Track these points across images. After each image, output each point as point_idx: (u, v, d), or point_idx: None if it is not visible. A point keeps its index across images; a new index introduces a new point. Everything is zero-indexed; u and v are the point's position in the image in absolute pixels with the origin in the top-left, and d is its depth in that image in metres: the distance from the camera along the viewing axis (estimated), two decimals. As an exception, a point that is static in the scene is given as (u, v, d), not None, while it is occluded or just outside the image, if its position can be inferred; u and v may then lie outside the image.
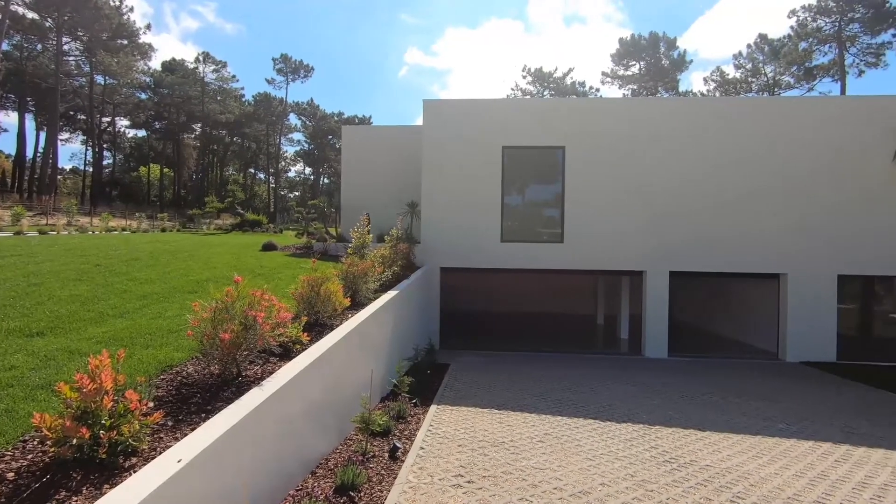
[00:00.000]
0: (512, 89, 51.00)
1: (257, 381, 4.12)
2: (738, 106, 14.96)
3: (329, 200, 46.82)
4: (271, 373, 4.31)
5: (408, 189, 15.37)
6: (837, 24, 38.08)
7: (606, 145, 12.11)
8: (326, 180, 69.41)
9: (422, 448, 5.20)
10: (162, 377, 4.24)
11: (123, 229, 21.72)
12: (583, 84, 49.01)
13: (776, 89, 41.83)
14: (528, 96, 48.64)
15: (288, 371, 4.32)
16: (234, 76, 58.36)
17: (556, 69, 48.77)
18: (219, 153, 63.74)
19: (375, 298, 7.78)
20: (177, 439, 3.19)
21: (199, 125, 56.66)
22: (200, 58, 55.34)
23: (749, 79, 43.37)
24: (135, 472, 2.80)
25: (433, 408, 6.79)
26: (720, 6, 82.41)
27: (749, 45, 43.17)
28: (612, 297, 16.59)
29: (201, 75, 55.38)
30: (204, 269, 9.43)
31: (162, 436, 3.26)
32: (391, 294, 8.19)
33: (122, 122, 56.15)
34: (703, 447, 5.70)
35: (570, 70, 50.88)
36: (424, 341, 10.63)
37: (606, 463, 5.04)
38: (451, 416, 6.43)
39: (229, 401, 3.72)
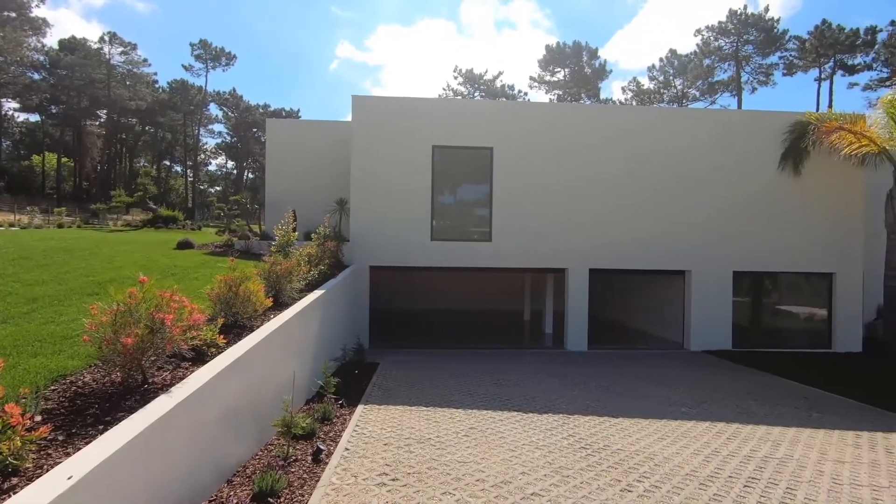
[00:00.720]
0: (444, 89, 51.51)
1: (166, 387, 3.85)
2: (651, 114, 16.15)
3: (253, 196, 44.68)
4: (182, 378, 4.05)
5: (337, 186, 15.04)
6: (735, 44, 42.15)
7: (532, 147, 12.57)
8: (251, 175, 66.16)
9: (346, 449, 5.13)
10: (53, 388, 3.85)
11: (11, 224, 19.40)
12: (512, 87, 50.49)
13: (684, 101, 45.53)
14: (460, 97, 49.30)
15: (201, 376, 4.08)
16: (145, 60, 54.09)
17: (486, 71, 49.90)
18: (128, 143, 58.71)
19: (301, 298, 7.55)
20: (68, 454, 2.91)
21: (105, 112, 51.82)
22: (106, 38, 50.63)
23: (661, 90, 46.88)
24: (15, 493, 2.52)
25: (360, 408, 6.71)
26: (638, 20, 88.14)
27: (661, 59, 46.72)
28: (537, 293, 17.28)
29: (107, 57, 50.68)
30: (107, 268, 8.66)
31: (51, 452, 2.96)
32: (317, 293, 7.98)
33: (10, 105, 50.07)
34: (615, 433, 6.10)
35: (500, 73, 52.43)
36: (353, 341, 10.47)
37: (527, 453, 5.25)
38: (378, 416, 6.39)
39: (132, 410, 3.46)
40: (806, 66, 41.72)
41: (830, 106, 40.81)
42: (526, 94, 50.91)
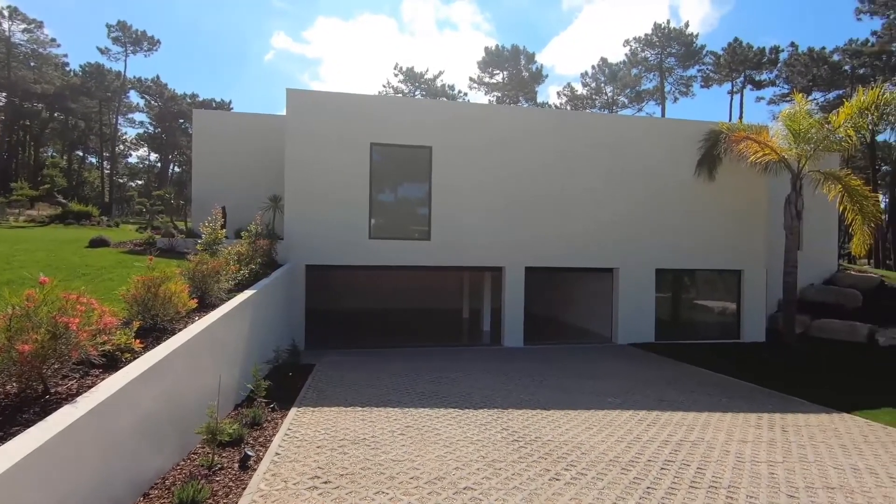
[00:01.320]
0: (384, 86, 51.00)
1: (71, 397, 3.54)
2: (583, 118, 16.85)
3: (179, 192, 42.02)
4: (91, 387, 3.73)
5: (270, 182, 14.50)
6: (659, 56, 44.99)
7: (471, 147, 12.74)
8: (177, 169, 62.14)
9: (277, 454, 4.96)
10: (-67, 403, 3.42)
11: None
12: (452, 87, 50.93)
13: (614, 107, 48.01)
14: (400, 95, 49.07)
15: (112, 384, 3.79)
16: (53, 40, 49.23)
17: (427, 70, 49.96)
18: (33, 130, 53.24)
19: (229, 299, 7.20)
20: (-51, 476, 2.60)
21: (5, 95, 46.68)
22: (5, 12, 45.60)
23: (593, 96, 49.16)
24: None
25: (293, 411, 6.52)
26: (573, 28, 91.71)
27: (593, 67, 48.96)
28: (476, 292, 17.55)
29: (7, 34, 45.66)
30: (4, 269, 7.83)
31: (-73, 475, 2.63)
32: (247, 294, 7.65)
33: None
34: (546, 425, 6.33)
35: (441, 73, 52.67)
36: (287, 342, 10.13)
37: (462, 448, 5.33)
38: (312, 418, 6.23)
39: (30, 423, 3.15)
40: (720, 80, 45.38)
41: (741, 117, 44.64)
42: (466, 94, 51.58)
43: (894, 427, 6.76)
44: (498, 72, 49.05)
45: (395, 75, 49.79)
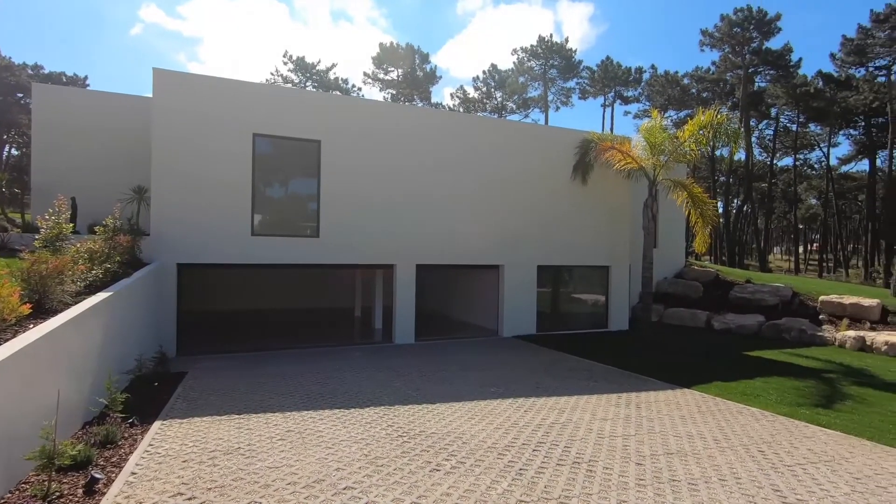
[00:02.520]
0: (272, 74, 48.15)
1: None
2: (474, 121, 17.48)
3: (17, 178, 35.81)
4: None
5: (134, 171, 12.97)
6: (543, 67, 48.22)
7: (362, 144, 12.55)
8: (14, 151, 52.78)
9: (133, 473, 4.47)
10: None
11: None
12: (346, 81, 49.67)
13: (503, 112, 50.46)
14: (290, 85, 46.73)
15: None
16: None
17: (319, 62, 48.11)
18: None
19: (78, 302, 6.31)
20: None
21: None
22: None
23: (484, 100, 51.16)
24: None
25: (157, 424, 5.91)
26: (467, 32, 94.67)
27: (484, 72, 50.93)
28: (368, 289, 17.36)
29: None
30: None
31: None
32: (101, 296, 6.77)
33: None
34: (431, 418, 6.48)
35: (334, 65, 50.99)
36: (154, 349, 9.17)
37: (345, 448, 5.26)
38: (179, 431, 5.70)
39: None
40: (595, 93, 49.98)
41: (612, 128, 49.59)
42: (360, 89, 50.66)
43: (721, 398, 8.01)
44: (393, 69, 48.92)
45: (285, 63, 47.30)
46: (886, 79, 39.48)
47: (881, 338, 12.44)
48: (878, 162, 44.16)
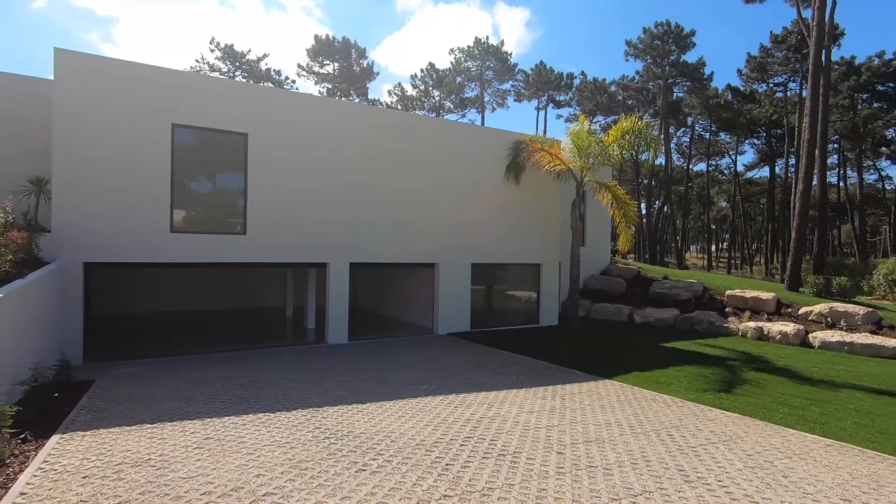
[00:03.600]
0: (198, 61, 45.32)
1: None
2: (411, 120, 17.42)
3: None
4: None
5: (30, 161, 11.73)
6: (480, 68, 49.02)
7: (294, 139, 12.14)
8: None
9: (23, 493, 4.06)
10: None
11: None
12: (279, 73, 47.78)
13: (441, 111, 50.75)
14: (218, 74, 44.28)
15: None
16: None
17: (249, 51, 46.01)
18: None
19: (-43, 307, 5.63)
20: None
21: None
22: None
23: (422, 98, 51.20)
24: None
25: (55, 438, 5.40)
26: (406, 29, 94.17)
27: (422, 70, 50.97)
28: (301, 288, 16.86)
29: None
30: None
31: None
32: (-12, 299, 6.08)
33: None
34: (361, 418, 6.41)
35: (266, 55, 48.91)
36: (55, 356, 8.36)
37: (267, 453, 5.08)
38: (80, 444, 5.25)
39: None
40: (530, 96, 51.49)
41: (545, 131, 51.34)
42: (294, 81, 48.94)
43: (638, 387, 8.55)
44: (328, 62, 47.69)
45: (212, 51, 44.73)
46: (783, 94, 43.84)
47: (776, 327, 13.81)
48: (777, 169, 48.94)
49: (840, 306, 14.12)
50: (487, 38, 49.43)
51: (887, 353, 11.87)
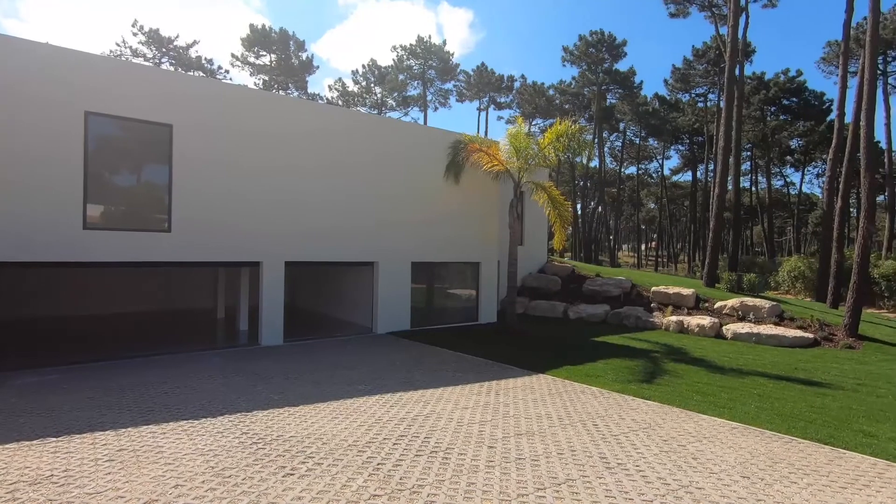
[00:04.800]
0: (118, 45, 42.12)
1: None
2: (350, 117, 17.07)
3: None
4: None
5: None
6: (422, 67, 49.06)
7: (225, 132, 11.56)
8: None
9: None
10: None
11: None
12: (211, 62, 45.37)
13: (383, 108, 50.31)
14: (141, 60, 41.37)
15: None
16: None
17: (178, 36, 43.28)
18: None
19: None
20: None
21: None
22: None
23: (364, 95, 50.52)
24: None
25: (-62, 459, 4.84)
26: (349, 23, 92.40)
27: (364, 66, 50.30)
28: (233, 288, 16.14)
29: None
30: None
31: None
32: None
33: None
34: (292, 421, 6.24)
35: (196, 42, 46.17)
36: (-59, 367, 7.50)
37: (188, 463, 4.82)
38: (-30, 463, 4.74)
39: None
40: (471, 97, 52.24)
41: (486, 132, 52.26)
42: (227, 72, 46.74)
43: (569, 380, 8.91)
44: (265, 54, 45.88)
45: (134, 35, 41.70)
46: (704, 104, 47.20)
47: (694, 321, 14.87)
48: (699, 174, 52.67)
49: (749, 301, 15.42)
50: (430, 36, 49.70)
51: (787, 342, 13.11)
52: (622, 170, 59.54)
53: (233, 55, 46.24)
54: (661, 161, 58.56)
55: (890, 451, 5.74)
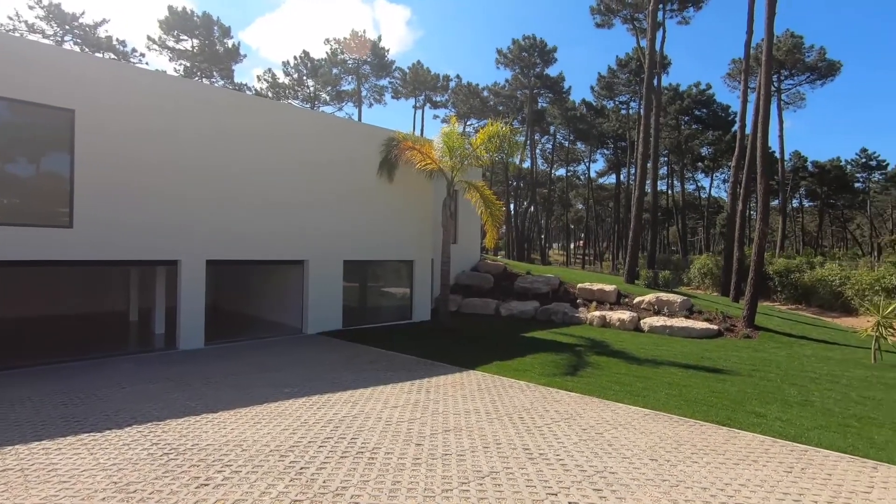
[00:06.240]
0: (10, 18, 37.69)
1: None
2: (281, 111, 16.37)
3: None
4: None
5: None
6: (357, 62, 48.15)
7: (137, 119, 10.69)
8: None
9: None
10: None
11: None
12: (125, 43, 41.80)
13: (317, 102, 48.84)
14: (40, 37, 37.35)
15: None
16: None
17: (83, 13, 39.61)
18: None
19: None
20: None
21: None
22: None
23: (296, 87, 48.74)
24: None
25: None
26: (280, 12, 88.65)
27: (296, 57, 48.51)
28: (147, 289, 15.01)
29: None
30: None
31: None
32: None
33: None
34: (210, 428, 5.90)
35: (106, 21, 42.15)
36: None
37: (86, 479, 4.42)
38: None
39: None
40: (407, 95, 52.01)
41: (422, 131, 52.29)
42: (143, 55, 43.24)
43: (498, 375, 9.13)
44: (186, 38, 42.96)
45: (31, 8, 37.52)
46: (626, 112, 50.13)
47: (615, 316, 15.77)
48: (622, 177, 55.88)
49: (664, 296, 16.59)
50: (365, 31, 48.76)
51: (696, 333, 14.26)
52: (553, 171, 61.94)
53: (149, 38, 42.87)
54: (588, 164, 61.56)
55: (776, 429, 6.42)
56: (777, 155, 42.58)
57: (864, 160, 60.16)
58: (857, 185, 61.26)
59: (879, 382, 9.28)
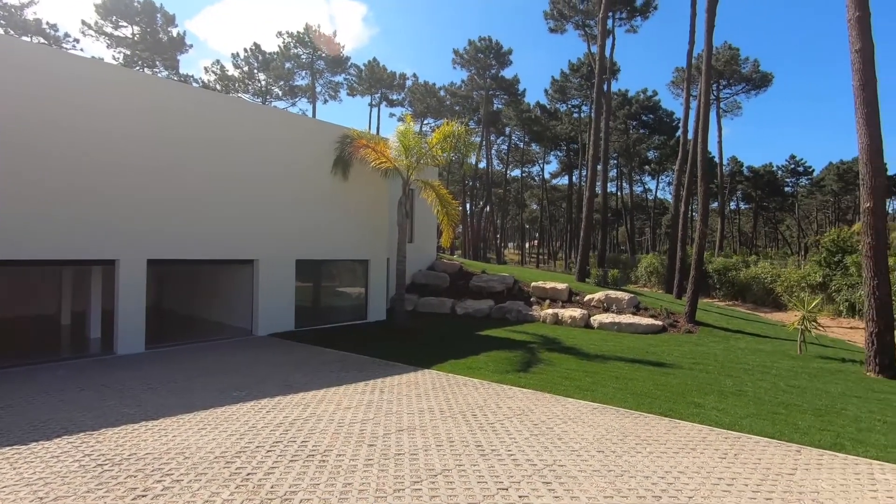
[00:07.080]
0: (-76, -4, 34.35)
1: None
2: (231, 104, 15.74)
3: None
4: None
5: None
6: (311, 57, 47.09)
7: (68, 111, 9.98)
8: None
9: None
10: None
11: None
12: (56, 28, 39.00)
13: (268, 97, 47.37)
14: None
15: None
16: None
17: (8, -7, 36.49)
18: None
19: None
20: None
21: None
22: None
23: (246, 81, 47.08)
24: None
25: None
26: (230, 3, 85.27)
27: (246, 50, 46.89)
28: (81, 291, 14.07)
29: None
30: None
31: None
32: None
33: None
34: (150, 437, 5.61)
35: (34, 2, 39.23)
36: None
37: (7, 496, 4.09)
38: None
39: None
40: (363, 92, 51.35)
41: (378, 128, 51.78)
42: (77, 41, 40.62)
43: (452, 374, 9.17)
44: (126, 24, 40.58)
45: (-52, -15, 34.34)
46: (579, 115, 51.62)
47: (567, 313, 16.22)
48: (574, 179, 57.52)
49: (613, 293, 17.21)
50: (320, 26, 47.79)
51: (642, 329, 14.88)
52: (508, 172, 62.93)
53: (84, 23, 40.19)
54: (542, 165, 62.99)
55: (713, 418, 6.80)
56: (717, 160, 45.10)
57: (792, 166, 64.82)
58: (786, 189, 65.90)
59: (804, 372, 10.01)
